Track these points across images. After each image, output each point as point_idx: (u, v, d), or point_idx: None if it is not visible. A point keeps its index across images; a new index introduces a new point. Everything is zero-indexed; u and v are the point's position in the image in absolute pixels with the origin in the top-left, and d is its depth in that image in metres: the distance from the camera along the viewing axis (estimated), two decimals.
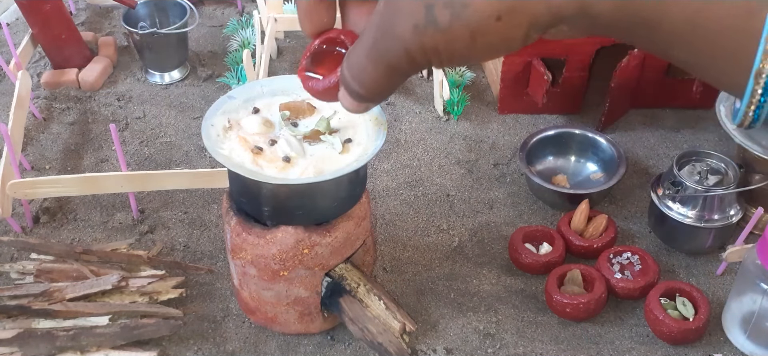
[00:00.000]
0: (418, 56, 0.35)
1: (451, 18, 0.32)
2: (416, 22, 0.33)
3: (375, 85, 0.37)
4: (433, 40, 0.33)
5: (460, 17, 0.32)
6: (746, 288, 0.77)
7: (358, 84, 0.38)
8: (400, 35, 0.34)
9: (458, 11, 0.32)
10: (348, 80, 0.38)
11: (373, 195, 0.98)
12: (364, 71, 0.37)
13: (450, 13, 0.32)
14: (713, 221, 0.86)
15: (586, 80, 1.09)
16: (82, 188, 0.90)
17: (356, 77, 0.37)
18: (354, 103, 0.39)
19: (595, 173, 1.00)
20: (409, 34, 0.34)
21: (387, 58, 0.35)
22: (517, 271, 0.88)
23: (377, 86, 0.37)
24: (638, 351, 0.79)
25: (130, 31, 1.16)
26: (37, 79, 1.18)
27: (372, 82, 0.37)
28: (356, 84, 0.38)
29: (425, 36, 0.33)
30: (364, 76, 0.37)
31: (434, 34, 0.33)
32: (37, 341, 0.73)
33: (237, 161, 0.65)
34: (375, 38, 0.35)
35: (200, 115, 1.11)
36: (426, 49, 0.34)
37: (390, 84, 0.37)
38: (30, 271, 0.82)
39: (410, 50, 0.34)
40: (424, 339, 0.80)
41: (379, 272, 0.87)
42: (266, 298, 0.74)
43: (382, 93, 0.38)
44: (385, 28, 0.35)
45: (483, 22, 0.32)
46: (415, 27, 0.33)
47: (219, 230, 0.93)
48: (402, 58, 0.35)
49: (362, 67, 0.37)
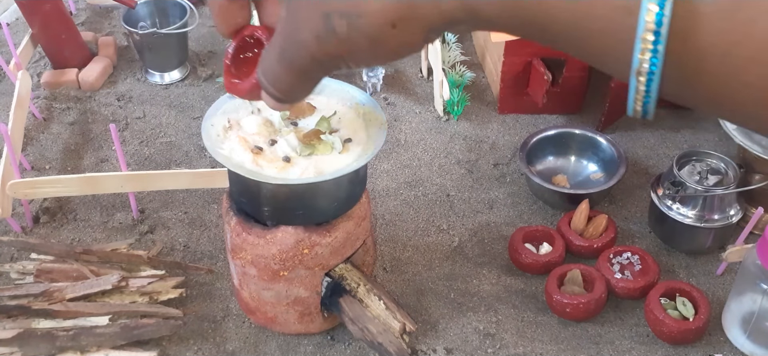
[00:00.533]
0: (326, 62, 0.36)
1: (348, 28, 0.33)
2: (317, 32, 0.34)
3: (291, 89, 0.38)
4: (336, 49, 0.34)
5: (357, 27, 0.33)
6: (746, 288, 0.77)
7: (274, 89, 0.39)
8: (305, 44, 0.35)
9: (354, 21, 0.33)
10: (265, 85, 0.39)
11: (373, 195, 0.98)
12: (278, 78, 0.38)
13: (347, 23, 0.33)
14: (713, 221, 0.86)
15: (586, 80, 1.09)
16: (82, 188, 0.90)
17: (272, 83, 0.38)
18: (277, 104, 0.40)
19: (595, 173, 1.00)
20: (313, 43, 0.35)
21: (297, 65, 0.36)
22: (517, 271, 0.88)
23: (293, 89, 0.39)
24: (638, 351, 0.79)
25: (130, 31, 1.16)
26: (37, 79, 1.18)
27: (287, 86, 0.38)
28: (273, 89, 0.39)
29: (328, 45, 0.34)
30: (279, 83, 0.38)
31: (336, 44, 0.34)
32: (37, 341, 0.73)
33: (237, 161, 0.65)
34: (282, 47, 0.36)
35: (200, 115, 1.11)
36: (331, 55, 0.35)
37: (305, 86, 0.39)
38: (30, 271, 0.82)
39: (316, 57, 0.35)
40: (424, 339, 0.80)
41: (379, 272, 0.87)
42: (266, 298, 0.74)
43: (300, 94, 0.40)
44: (290, 37, 0.36)
45: (379, 30, 0.33)
46: (317, 37, 0.34)
47: (219, 230, 0.93)
48: (311, 64, 0.36)
49: (276, 74, 0.38)
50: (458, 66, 1.19)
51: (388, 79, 1.19)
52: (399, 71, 1.22)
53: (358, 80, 1.18)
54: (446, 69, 1.17)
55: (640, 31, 0.28)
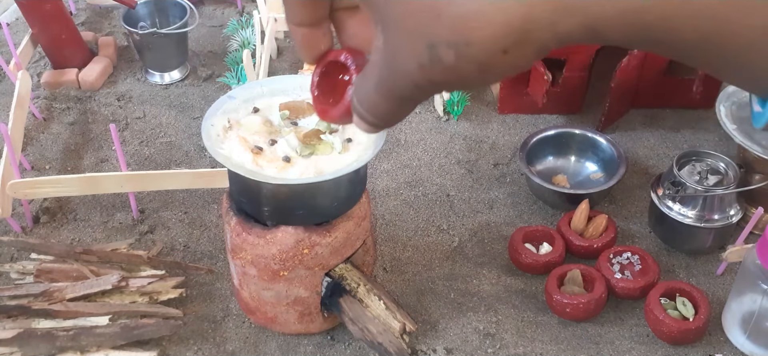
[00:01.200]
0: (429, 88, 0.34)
1: (455, 58, 0.31)
2: (421, 62, 0.33)
3: (388, 116, 0.37)
4: (442, 77, 0.33)
5: (466, 56, 0.31)
6: (746, 288, 0.77)
7: (371, 116, 0.38)
8: (407, 73, 0.34)
9: (462, 51, 0.31)
10: (360, 112, 0.38)
11: (373, 195, 0.98)
12: (375, 106, 0.37)
13: (454, 53, 0.31)
14: (713, 221, 0.86)
15: (587, 80, 1.09)
16: (82, 188, 0.90)
17: (369, 110, 0.37)
18: (370, 129, 0.39)
19: (595, 173, 1.00)
20: (416, 73, 0.33)
21: (397, 93, 0.35)
22: (517, 271, 0.88)
23: (391, 116, 0.37)
24: (638, 351, 0.79)
25: (130, 31, 1.16)
26: (37, 79, 1.18)
27: (385, 113, 0.37)
28: (369, 116, 0.38)
29: (433, 73, 0.33)
30: (376, 110, 0.37)
31: (442, 72, 0.32)
32: (37, 341, 0.73)
33: (237, 161, 0.65)
34: (381, 75, 0.35)
35: (200, 115, 1.11)
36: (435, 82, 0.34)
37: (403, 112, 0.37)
38: (30, 271, 0.82)
39: (419, 85, 0.34)
40: (424, 339, 0.80)
41: (379, 272, 0.87)
42: (266, 298, 0.74)
43: (396, 120, 0.38)
44: (390, 67, 0.34)
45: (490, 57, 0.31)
46: (421, 67, 0.33)
47: (219, 230, 0.93)
48: (412, 91, 0.35)
49: (373, 102, 0.37)
50: None
51: None
52: None
53: None
54: None
55: None
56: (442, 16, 0.31)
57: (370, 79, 0.36)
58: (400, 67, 0.34)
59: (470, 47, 0.31)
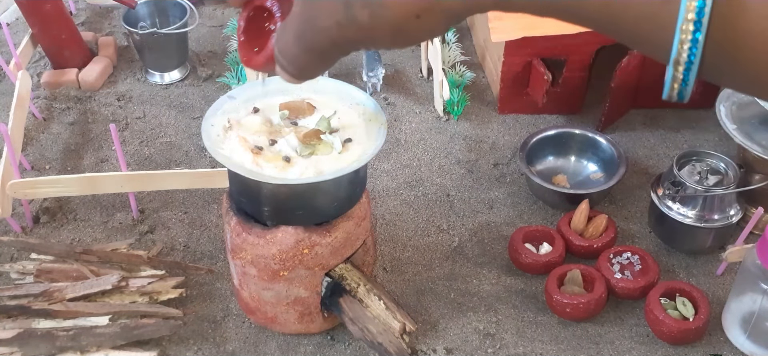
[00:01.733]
0: (345, 45, 0.36)
1: (370, 17, 0.33)
2: (338, 19, 0.34)
3: (307, 68, 0.39)
4: (356, 35, 0.34)
5: (380, 17, 0.33)
6: (746, 288, 0.77)
7: (291, 67, 0.39)
8: (325, 29, 0.35)
9: (376, 11, 0.33)
10: (282, 63, 0.39)
11: (373, 195, 0.98)
12: (294, 57, 0.38)
13: (369, 12, 0.33)
14: (713, 221, 0.86)
15: (586, 80, 1.09)
16: (82, 188, 0.90)
17: (289, 61, 0.38)
18: (292, 80, 0.40)
19: (595, 173, 1.00)
20: (334, 29, 0.35)
21: (315, 47, 0.37)
22: (517, 271, 0.88)
23: (310, 68, 0.39)
24: (638, 351, 0.79)
25: (130, 31, 1.16)
26: (37, 79, 1.18)
27: (304, 65, 0.38)
28: (290, 67, 0.39)
29: (349, 31, 0.34)
30: (296, 62, 0.38)
31: (357, 31, 0.34)
32: (37, 341, 0.73)
33: (237, 161, 0.65)
34: (301, 29, 0.36)
35: (200, 115, 1.11)
36: (351, 40, 0.35)
37: (322, 65, 0.39)
38: (30, 271, 0.82)
39: (336, 41, 0.35)
40: (424, 339, 0.80)
41: (379, 272, 0.87)
42: (266, 298, 0.74)
43: (315, 72, 0.40)
44: (309, 22, 0.36)
45: (402, 20, 0.33)
46: (338, 23, 0.34)
47: (219, 230, 0.93)
48: (330, 47, 0.36)
49: (293, 54, 0.38)
50: (458, 66, 1.19)
51: (388, 79, 1.19)
52: (399, 71, 1.22)
53: (358, 80, 1.18)
54: (446, 69, 1.17)
55: (680, 21, 0.28)
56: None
57: (290, 31, 0.37)
58: (319, 22, 0.35)
59: (384, 9, 0.32)
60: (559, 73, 1.07)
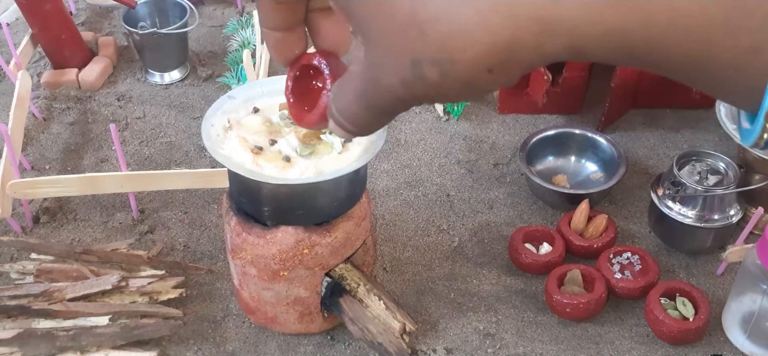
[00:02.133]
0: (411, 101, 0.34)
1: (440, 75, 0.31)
2: (404, 78, 0.32)
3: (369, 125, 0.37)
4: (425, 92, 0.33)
5: (450, 74, 0.31)
6: (746, 288, 0.77)
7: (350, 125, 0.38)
8: (390, 88, 0.33)
9: (447, 69, 0.31)
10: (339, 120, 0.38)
11: (373, 195, 0.98)
12: (355, 116, 0.37)
13: (439, 70, 0.31)
14: (713, 221, 0.86)
15: (587, 80, 1.09)
16: (82, 188, 0.90)
17: (348, 120, 0.37)
18: (348, 136, 0.39)
19: (595, 173, 1.00)
20: (399, 88, 0.33)
21: (377, 105, 0.35)
22: (517, 271, 0.88)
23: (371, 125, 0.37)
24: (638, 351, 0.79)
25: (130, 31, 1.16)
26: (37, 79, 1.18)
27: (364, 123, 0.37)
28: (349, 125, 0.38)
29: (416, 89, 0.33)
30: (356, 120, 0.37)
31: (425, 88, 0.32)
32: (37, 341, 0.73)
33: (237, 161, 0.65)
34: (362, 89, 0.35)
35: (200, 115, 1.11)
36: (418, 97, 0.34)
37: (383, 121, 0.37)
38: (30, 271, 0.82)
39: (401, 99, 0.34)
40: (424, 339, 0.80)
41: (379, 272, 0.87)
42: (266, 298, 0.74)
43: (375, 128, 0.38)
44: (372, 81, 0.34)
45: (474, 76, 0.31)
46: (404, 82, 0.33)
47: (219, 230, 0.93)
48: (394, 104, 0.35)
49: (352, 113, 0.37)
50: None
51: None
52: None
53: None
54: None
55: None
56: (426, 34, 0.30)
57: (350, 90, 0.36)
58: (383, 81, 0.33)
59: (455, 65, 0.31)
60: (559, 74, 1.07)
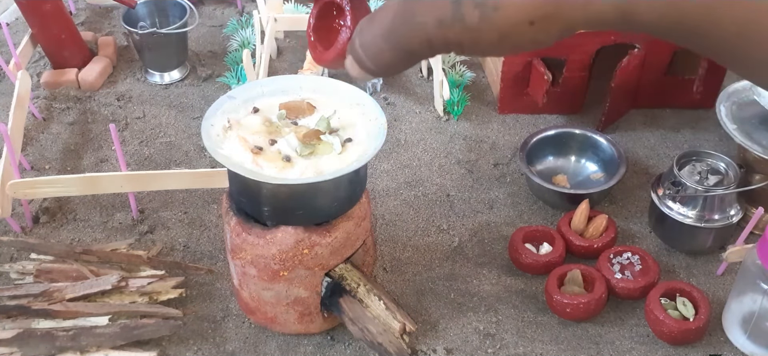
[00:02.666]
0: (440, 46, 0.33)
1: (479, 19, 0.30)
2: (441, 16, 0.31)
3: (390, 66, 0.36)
4: (458, 36, 0.32)
5: (490, 19, 0.30)
6: (746, 288, 0.77)
7: (372, 62, 0.37)
8: (422, 26, 0.32)
9: (488, 13, 0.30)
10: (361, 56, 0.37)
11: (373, 195, 0.98)
12: (380, 53, 0.36)
13: (479, 13, 0.30)
14: (713, 222, 0.86)
15: (587, 80, 1.09)
16: (82, 188, 0.90)
17: (371, 57, 0.36)
18: (362, 74, 0.38)
19: (596, 173, 1.00)
20: (433, 27, 0.32)
21: (406, 45, 0.34)
22: (517, 271, 0.88)
23: (392, 66, 0.36)
24: (638, 352, 0.79)
25: (129, 31, 1.16)
26: (36, 79, 1.18)
27: (387, 62, 0.36)
28: (370, 62, 0.37)
29: (451, 31, 0.32)
30: (380, 58, 0.36)
31: (460, 32, 0.31)
32: (36, 341, 0.73)
33: (237, 161, 0.65)
34: (393, 24, 0.34)
35: (200, 115, 1.11)
36: (449, 41, 0.33)
37: (405, 65, 0.36)
38: (30, 271, 0.82)
39: (432, 41, 0.33)
40: (424, 339, 0.80)
41: (379, 272, 0.87)
42: (266, 298, 0.74)
43: (395, 71, 0.37)
44: (405, 16, 0.33)
45: (514, 26, 0.30)
46: (440, 21, 0.32)
47: (219, 230, 0.93)
48: (422, 46, 0.34)
49: (378, 49, 0.36)
50: (458, 66, 1.19)
51: (388, 79, 1.19)
52: None
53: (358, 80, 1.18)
54: (446, 69, 1.17)
55: None
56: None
57: (380, 25, 0.35)
58: (418, 17, 0.32)
59: (498, 11, 0.30)
60: (559, 73, 1.07)
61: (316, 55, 0.42)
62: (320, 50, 0.42)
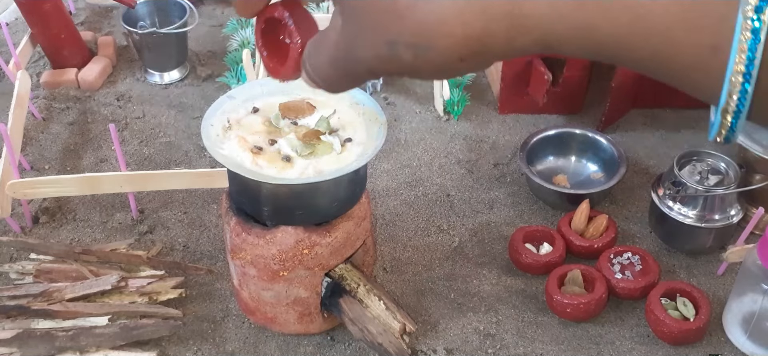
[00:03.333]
0: (383, 74, 0.36)
1: (414, 57, 0.33)
2: (379, 54, 0.34)
3: (340, 86, 0.39)
4: (398, 70, 0.34)
5: (424, 57, 0.33)
6: (747, 288, 0.77)
7: (324, 84, 0.39)
8: (363, 60, 0.35)
9: (421, 53, 0.33)
10: (313, 77, 0.40)
11: (373, 195, 0.98)
12: (328, 76, 0.39)
13: (413, 53, 0.33)
14: (714, 222, 0.86)
15: (587, 80, 1.09)
16: (82, 188, 0.90)
17: (322, 79, 0.39)
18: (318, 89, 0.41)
19: (596, 173, 1.00)
20: (373, 61, 0.35)
21: (350, 72, 0.37)
22: (517, 271, 0.88)
23: (341, 87, 0.39)
24: (639, 352, 0.79)
25: (129, 30, 1.16)
26: (36, 79, 1.18)
27: (337, 84, 0.39)
28: (322, 83, 0.39)
29: (390, 66, 0.34)
30: (329, 80, 0.39)
31: (399, 67, 0.34)
32: (36, 341, 0.73)
33: (237, 161, 0.65)
34: (337, 55, 0.37)
35: (200, 115, 1.11)
36: (390, 72, 0.35)
37: (354, 85, 0.39)
38: (29, 271, 0.82)
39: (373, 71, 0.36)
40: (424, 339, 0.79)
41: (379, 272, 0.87)
42: (266, 298, 0.74)
43: (345, 89, 0.40)
44: (347, 50, 0.36)
45: (447, 63, 0.33)
46: (378, 58, 0.34)
47: (219, 230, 0.92)
48: (365, 74, 0.37)
49: (326, 73, 0.38)
50: None
51: (388, 79, 1.19)
52: None
53: None
54: None
55: (729, 72, 0.28)
56: (404, 18, 0.32)
57: (324, 53, 0.38)
58: (358, 53, 0.35)
59: (429, 51, 0.33)
60: (559, 73, 1.07)
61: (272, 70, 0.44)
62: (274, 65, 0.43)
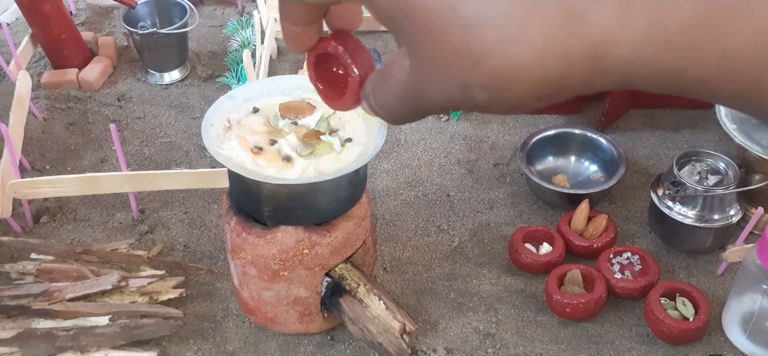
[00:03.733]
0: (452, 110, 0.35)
1: (489, 99, 0.32)
2: (451, 96, 0.33)
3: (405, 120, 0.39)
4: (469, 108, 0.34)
5: (499, 99, 0.32)
6: (746, 287, 0.77)
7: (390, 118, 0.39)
8: (434, 101, 0.34)
9: (498, 95, 0.31)
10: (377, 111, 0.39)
11: (373, 195, 0.98)
12: (394, 113, 0.38)
13: (488, 95, 0.32)
14: (713, 221, 0.86)
15: None
16: (82, 188, 0.90)
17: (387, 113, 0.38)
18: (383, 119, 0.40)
19: (595, 173, 1.00)
20: (444, 102, 0.34)
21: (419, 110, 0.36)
22: (517, 271, 0.88)
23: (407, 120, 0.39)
24: (638, 351, 0.79)
25: (130, 31, 1.16)
26: (37, 79, 1.18)
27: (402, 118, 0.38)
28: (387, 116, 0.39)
29: (462, 106, 0.33)
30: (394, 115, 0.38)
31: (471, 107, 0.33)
32: (37, 341, 0.73)
33: (237, 161, 0.65)
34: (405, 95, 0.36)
35: (200, 115, 1.11)
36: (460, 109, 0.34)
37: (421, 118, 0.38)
38: (30, 271, 0.82)
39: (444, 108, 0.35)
40: (424, 339, 0.80)
41: (379, 272, 0.87)
42: (266, 298, 0.74)
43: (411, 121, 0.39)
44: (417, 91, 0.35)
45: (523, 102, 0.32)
46: (450, 98, 0.33)
47: (219, 230, 0.93)
48: (435, 111, 0.36)
49: (392, 109, 0.38)
50: None
51: None
52: None
53: None
54: None
55: None
56: (480, 64, 0.31)
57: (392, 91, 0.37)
58: (429, 94, 0.34)
59: (507, 93, 0.31)
60: None
61: (332, 104, 0.43)
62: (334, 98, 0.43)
